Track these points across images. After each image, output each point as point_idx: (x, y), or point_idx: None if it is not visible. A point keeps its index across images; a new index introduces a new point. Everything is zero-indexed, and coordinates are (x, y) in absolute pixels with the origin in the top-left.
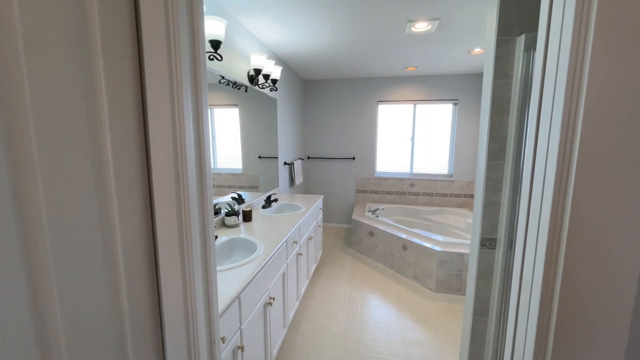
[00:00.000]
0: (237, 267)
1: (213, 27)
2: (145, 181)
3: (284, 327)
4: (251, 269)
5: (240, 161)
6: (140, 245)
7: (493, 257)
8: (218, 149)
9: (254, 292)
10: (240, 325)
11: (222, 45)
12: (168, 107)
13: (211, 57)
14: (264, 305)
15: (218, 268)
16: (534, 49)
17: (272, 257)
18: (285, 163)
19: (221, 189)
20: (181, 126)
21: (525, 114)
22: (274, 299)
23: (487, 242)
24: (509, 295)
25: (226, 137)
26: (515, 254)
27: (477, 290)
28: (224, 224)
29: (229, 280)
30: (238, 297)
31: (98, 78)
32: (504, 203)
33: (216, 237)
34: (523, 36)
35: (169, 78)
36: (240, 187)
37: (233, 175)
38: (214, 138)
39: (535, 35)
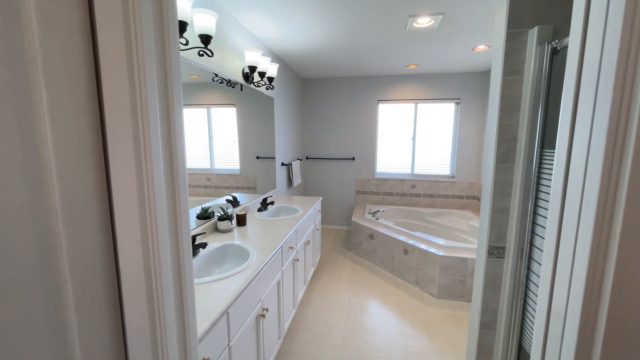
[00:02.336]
0: (227, 277)
1: (203, 21)
2: (105, 193)
3: (279, 338)
4: (242, 279)
5: (238, 161)
6: (96, 268)
7: (501, 267)
8: (215, 149)
9: (245, 304)
10: (229, 342)
11: (214, 41)
12: (128, 104)
13: (201, 52)
14: (257, 317)
15: (206, 279)
16: (549, 42)
17: (265, 265)
18: (282, 164)
19: (218, 189)
20: (145, 128)
21: (538, 113)
22: (267, 310)
23: (495, 251)
24: (521, 310)
25: (224, 137)
26: (542, 281)
27: (484, 302)
28: (216, 229)
29: (217, 293)
30: (226, 312)
31: (33, 60)
32: (513, 209)
33: (205, 244)
34: (536, 28)
35: (129, 70)
36: (238, 188)
37: (230, 175)
38: (211, 138)
39: (549, 28)
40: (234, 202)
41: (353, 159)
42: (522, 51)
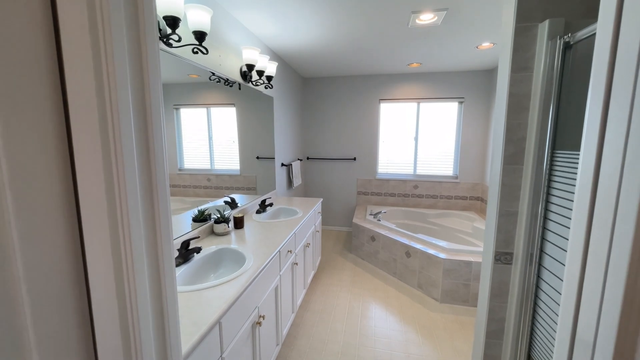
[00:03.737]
0: (221, 284)
1: (196, 17)
2: (72, 201)
3: (277, 345)
4: (237, 286)
5: (238, 162)
6: (62, 289)
7: (509, 274)
8: (215, 149)
9: (240, 312)
10: (222, 353)
11: (209, 38)
12: (95, 101)
13: (195, 50)
14: (252, 325)
15: (199, 286)
16: (561, 36)
17: (262, 270)
18: (282, 164)
19: (219, 190)
20: (116, 130)
21: (549, 111)
22: (264, 317)
23: (502, 257)
24: (530, 319)
25: (224, 137)
26: (563, 303)
27: (491, 310)
28: (212, 232)
29: (210, 301)
30: (218, 322)
31: None
32: (522, 213)
33: (200, 249)
34: (547, 22)
35: (95, 67)
36: (238, 189)
37: (230, 176)
38: (210, 138)
39: (560, 21)
40: (232, 204)
41: (354, 159)
42: (532, 46)
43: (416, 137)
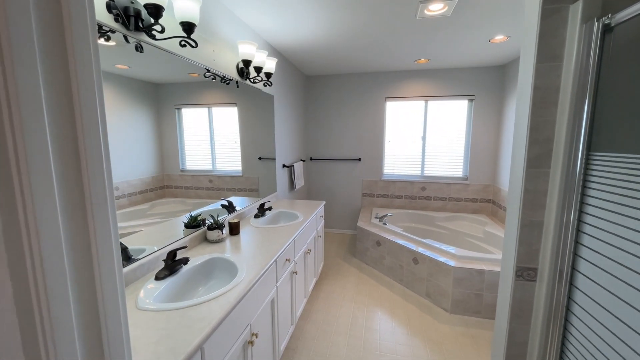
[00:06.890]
0: (208, 301)
1: (183, 6)
2: None
3: None
4: (225, 304)
5: (240, 163)
6: None
7: (532, 292)
8: (217, 150)
9: (228, 333)
10: None
11: (203, 33)
12: None
13: (183, 42)
14: (244, 345)
15: (182, 304)
16: (599, 18)
17: (255, 284)
18: (284, 165)
19: (220, 192)
20: (17, 127)
21: (583, 107)
22: (257, 335)
23: (525, 273)
24: (558, 345)
25: (225, 137)
26: None
27: (511, 333)
28: (205, 239)
29: (193, 323)
30: (200, 348)
31: None
32: (549, 224)
33: (187, 260)
34: (580, 2)
35: None
36: (240, 190)
37: (232, 177)
38: (212, 138)
39: (597, 0)
40: (230, 208)
41: (359, 159)
42: (562, 31)
43: (424, 136)
